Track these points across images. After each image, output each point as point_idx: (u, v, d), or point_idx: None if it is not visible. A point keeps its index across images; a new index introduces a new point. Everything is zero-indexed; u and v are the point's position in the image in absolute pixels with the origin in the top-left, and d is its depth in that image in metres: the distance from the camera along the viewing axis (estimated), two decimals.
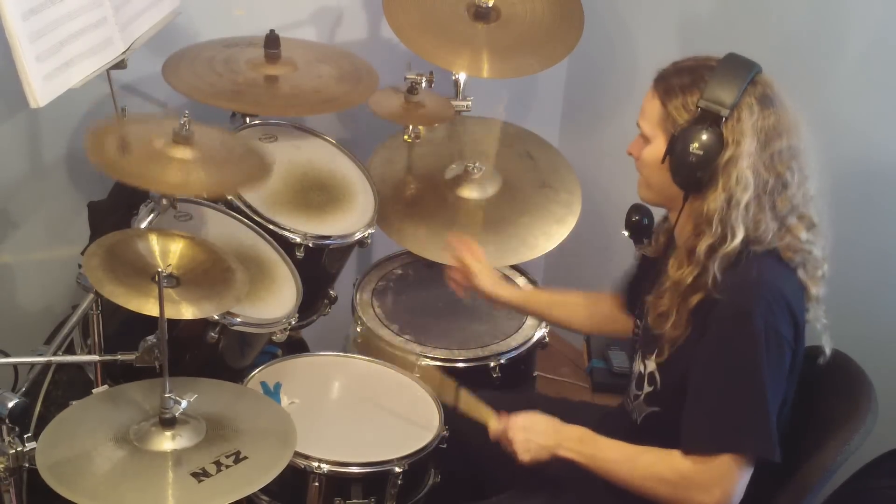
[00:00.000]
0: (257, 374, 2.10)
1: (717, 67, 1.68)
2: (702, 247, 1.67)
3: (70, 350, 2.02)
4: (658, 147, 1.73)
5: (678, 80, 1.71)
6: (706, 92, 1.66)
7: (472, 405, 1.96)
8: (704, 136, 1.65)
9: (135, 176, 1.76)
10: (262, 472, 1.62)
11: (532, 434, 1.82)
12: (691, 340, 1.71)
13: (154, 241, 1.77)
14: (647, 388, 1.82)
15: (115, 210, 2.13)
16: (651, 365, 1.80)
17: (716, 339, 1.66)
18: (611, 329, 2.15)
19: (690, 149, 1.66)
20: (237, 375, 2.06)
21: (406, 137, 2.58)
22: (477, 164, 2.54)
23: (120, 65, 2.02)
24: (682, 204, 1.73)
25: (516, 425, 1.85)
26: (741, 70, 1.68)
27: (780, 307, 1.63)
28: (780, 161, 1.67)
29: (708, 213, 1.67)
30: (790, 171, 1.68)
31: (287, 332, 2.08)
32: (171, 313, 1.66)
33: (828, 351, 1.77)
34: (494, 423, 1.89)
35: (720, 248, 1.66)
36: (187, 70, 2.22)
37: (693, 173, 1.67)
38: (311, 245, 2.19)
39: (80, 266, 1.77)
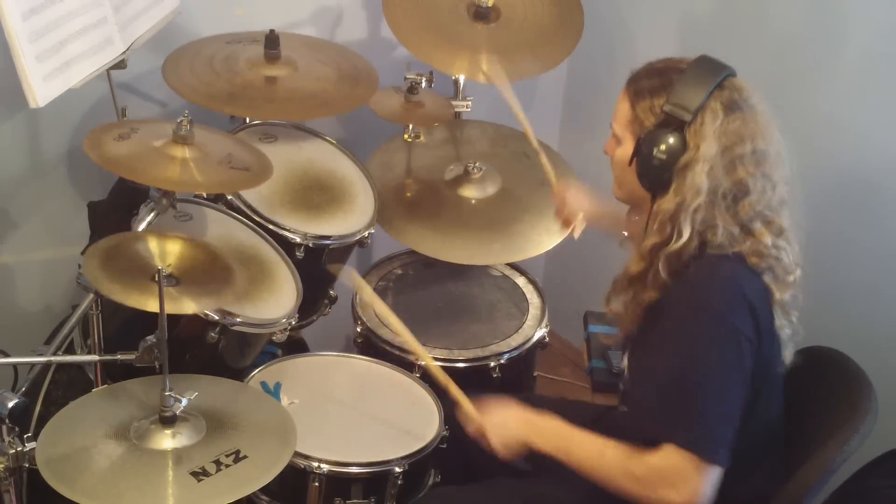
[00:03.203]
0: (257, 374, 2.11)
1: (686, 71, 1.68)
2: (647, 244, 1.69)
3: (70, 350, 2.02)
4: (627, 148, 1.74)
5: (647, 82, 1.71)
6: (672, 96, 1.66)
7: (459, 395, 1.95)
8: (668, 140, 1.66)
9: (133, 171, 1.76)
10: (261, 472, 1.62)
11: (506, 430, 1.82)
12: (645, 337, 1.71)
13: (153, 242, 1.76)
14: (622, 389, 1.84)
15: (115, 210, 2.13)
16: (625, 362, 1.83)
17: (666, 333, 1.66)
18: None
19: (654, 152, 1.67)
20: (237, 375, 2.06)
21: (406, 137, 2.58)
22: (477, 164, 2.54)
23: (120, 65, 2.03)
24: (650, 205, 1.73)
25: (490, 422, 1.85)
26: (709, 74, 1.68)
27: (739, 304, 1.62)
28: (742, 166, 1.66)
29: (659, 214, 1.68)
30: (753, 176, 1.66)
31: (287, 332, 2.08)
32: (171, 308, 1.66)
33: (787, 361, 1.75)
34: (474, 415, 1.88)
35: (664, 248, 1.66)
36: (187, 69, 2.22)
37: (657, 176, 1.68)
38: (311, 245, 2.19)
39: (79, 266, 1.77)
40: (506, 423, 1.83)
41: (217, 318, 1.89)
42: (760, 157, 1.67)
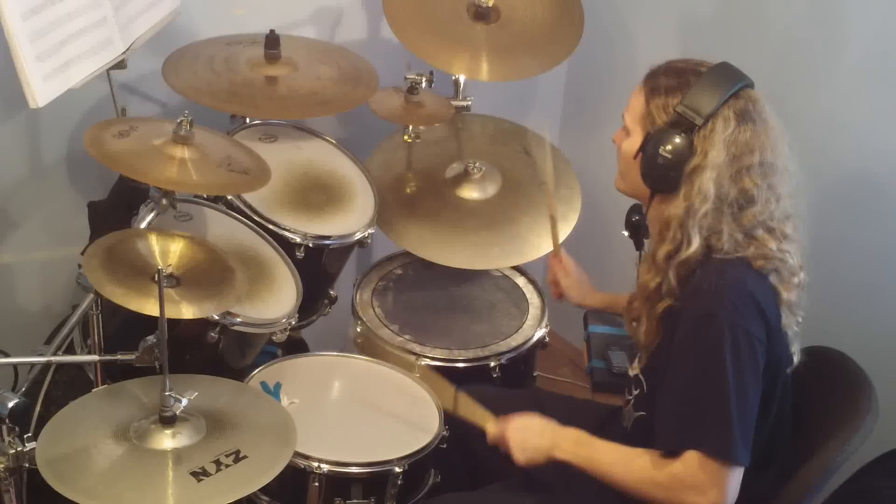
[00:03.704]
0: (257, 374, 2.10)
1: (704, 75, 1.69)
2: (661, 253, 1.69)
3: (70, 350, 2.02)
4: (635, 142, 1.74)
5: (665, 80, 1.72)
6: (686, 97, 1.67)
7: (471, 409, 1.96)
8: (675, 141, 1.67)
9: (131, 168, 1.76)
10: (261, 472, 1.62)
11: (528, 434, 1.83)
12: (664, 346, 1.71)
13: (154, 241, 1.77)
14: (634, 392, 1.84)
15: (115, 210, 2.13)
16: (636, 369, 1.83)
17: (681, 341, 1.67)
18: None
19: (661, 150, 1.68)
20: (237, 375, 2.06)
21: (406, 137, 2.58)
22: (477, 164, 2.54)
23: (120, 65, 2.03)
24: (649, 201, 1.75)
25: (512, 426, 1.85)
26: (726, 81, 1.69)
27: (748, 306, 1.63)
28: (748, 176, 1.67)
29: (668, 219, 1.69)
30: (759, 187, 1.67)
31: (287, 332, 2.08)
32: (171, 313, 1.66)
33: (796, 360, 1.76)
34: (492, 426, 1.90)
35: (677, 256, 1.67)
36: (187, 69, 2.22)
37: (659, 175, 1.69)
38: (311, 245, 2.19)
39: (80, 266, 1.77)
40: (527, 432, 1.83)
41: (217, 317, 1.89)
42: (768, 169, 1.68)
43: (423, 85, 2.43)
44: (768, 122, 1.70)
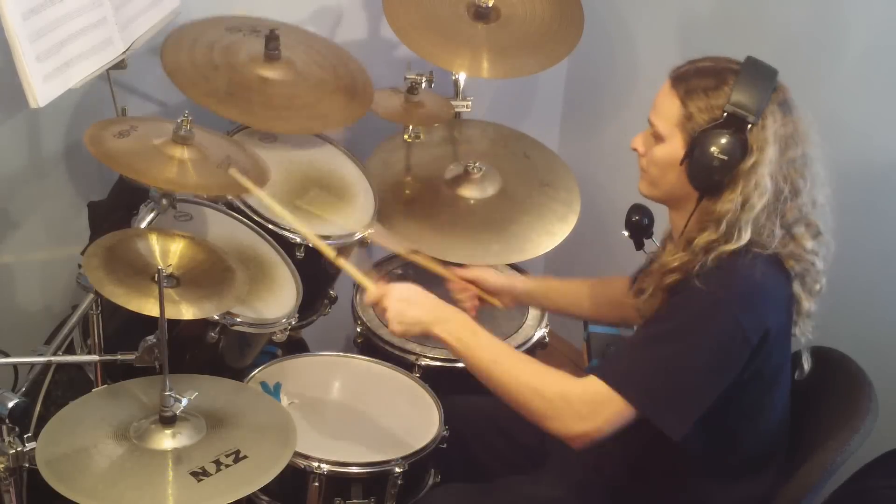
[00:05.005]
0: (257, 374, 2.11)
1: (742, 71, 1.65)
2: (701, 240, 1.65)
3: (70, 350, 2.02)
4: (674, 147, 1.69)
5: (701, 81, 1.66)
6: (733, 96, 1.63)
7: (353, 271, 1.90)
8: (730, 142, 1.62)
9: (131, 168, 1.77)
10: (261, 472, 1.62)
11: (409, 306, 1.77)
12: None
13: (154, 241, 1.77)
14: None
15: (115, 210, 2.13)
16: None
17: (673, 305, 1.65)
18: (616, 315, 2.13)
19: (713, 153, 1.63)
20: (237, 375, 2.06)
21: (406, 137, 2.58)
22: (477, 164, 2.54)
23: (120, 65, 2.03)
24: (694, 204, 1.70)
25: (393, 295, 1.79)
26: (766, 76, 1.66)
27: (752, 304, 1.61)
28: (794, 169, 1.66)
29: (718, 213, 1.65)
30: (803, 178, 1.67)
31: (287, 332, 2.08)
32: (171, 313, 1.66)
33: (806, 367, 1.76)
34: (372, 288, 1.83)
35: (721, 246, 1.64)
36: (186, 58, 2.17)
37: (713, 177, 1.64)
38: (311, 245, 2.19)
39: (80, 266, 1.77)
40: (408, 304, 1.78)
41: (217, 317, 1.89)
42: (807, 159, 1.68)
43: (423, 85, 2.43)
44: (801, 111, 1.69)
